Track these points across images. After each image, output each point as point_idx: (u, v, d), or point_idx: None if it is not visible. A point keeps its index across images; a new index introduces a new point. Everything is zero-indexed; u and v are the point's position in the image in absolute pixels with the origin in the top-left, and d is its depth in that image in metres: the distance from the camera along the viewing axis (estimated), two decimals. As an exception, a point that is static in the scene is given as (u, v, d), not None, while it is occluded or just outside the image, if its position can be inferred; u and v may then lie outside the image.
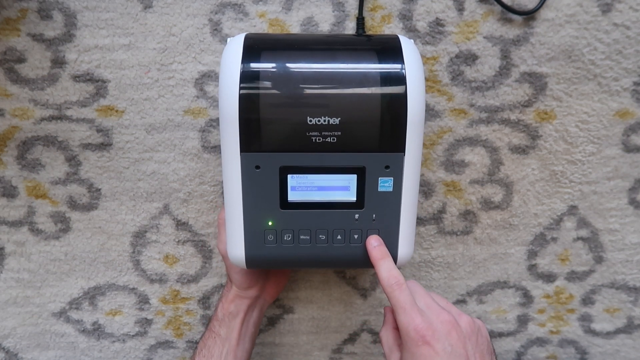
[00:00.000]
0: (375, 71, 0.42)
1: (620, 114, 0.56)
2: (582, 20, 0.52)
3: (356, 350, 0.67)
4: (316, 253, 0.46)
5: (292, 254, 0.46)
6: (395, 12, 0.52)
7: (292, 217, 0.45)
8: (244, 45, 0.43)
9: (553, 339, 0.67)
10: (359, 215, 0.45)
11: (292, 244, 0.46)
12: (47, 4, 0.51)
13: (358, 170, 0.44)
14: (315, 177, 0.44)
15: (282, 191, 0.44)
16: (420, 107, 0.42)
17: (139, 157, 0.56)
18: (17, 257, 0.61)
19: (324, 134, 0.42)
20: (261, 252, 0.46)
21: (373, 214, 0.45)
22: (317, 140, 0.42)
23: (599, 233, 0.61)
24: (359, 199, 0.44)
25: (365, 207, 0.45)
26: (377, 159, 0.43)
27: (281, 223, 0.45)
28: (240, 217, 0.45)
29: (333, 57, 0.43)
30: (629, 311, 0.65)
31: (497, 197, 0.59)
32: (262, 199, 0.44)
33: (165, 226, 0.60)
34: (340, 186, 0.44)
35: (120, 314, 0.64)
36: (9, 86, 0.53)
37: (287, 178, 0.43)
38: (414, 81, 0.42)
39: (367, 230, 0.45)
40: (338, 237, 0.45)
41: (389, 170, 0.44)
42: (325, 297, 0.64)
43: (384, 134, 0.42)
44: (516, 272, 0.63)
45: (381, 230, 0.46)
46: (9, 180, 0.57)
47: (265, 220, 0.45)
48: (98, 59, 0.53)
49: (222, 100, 0.42)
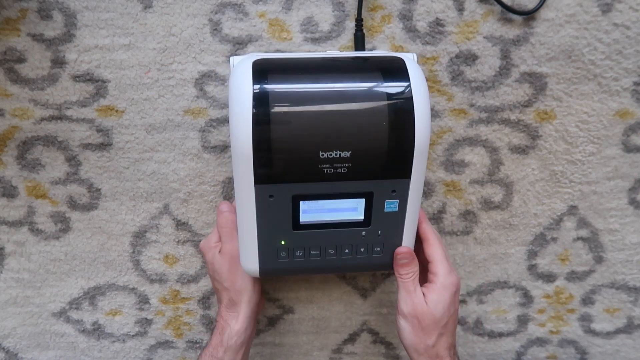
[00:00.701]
0: (384, 105, 0.43)
1: (620, 114, 0.56)
2: (582, 20, 0.52)
3: (356, 350, 0.67)
4: (325, 265, 0.49)
5: (303, 267, 0.49)
6: (395, 12, 0.52)
7: (304, 237, 0.48)
8: (253, 79, 0.43)
9: (553, 339, 0.67)
10: (365, 232, 0.48)
11: (303, 258, 0.49)
12: (47, 4, 0.51)
13: (366, 194, 0.46)
14: (325, 201, 0.46)
15: (295, 215, 0.46)
16: (426, 137, 0.44)
17: (139, 157, 0.56)
18: (17, 257, 0.61)
19: (335, 165, 0.43)
20: (274, 266, 0.49)
21: (379, 231, 0.48)
22: (329, 171, 0.44)
23: (599, 233, 0.61)
24: (366, 218, 0.47)
25: (372, 226, 0.48)
26: (385, 185, 0.45)
27: (293, 242, 0.48)
28: (254, 237, 0.47)
29: (342, 95, 0.44)
30: (629, 311, 0.65)
31: (497, 197, 0.59)
32: (276, 222, 0.46)
33: (165, 226, 0.60)
34: (349, 208, 0.47)
35: (120, 314, 0.64)
36: (9, 86, 0.53)
37: (299, 204, 0.46)
38: (421, 114, 0.43)
39: (373, 245, 0.49)
40: (346, 250, 0.49)
41: (395, 193, 0.46)
42: (325, 297, 0.64)
43: (391, 162, 0.44)
44: (516, 272, 0.63)
45: (385, 243, 0.49)
46: (9, 180, 0.57)
47: (278, 240, 0.48)
48: (98, 59, 0.53)
49: (235, 139, 0.43)
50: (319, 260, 0.49)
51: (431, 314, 0.48)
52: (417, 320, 0.49)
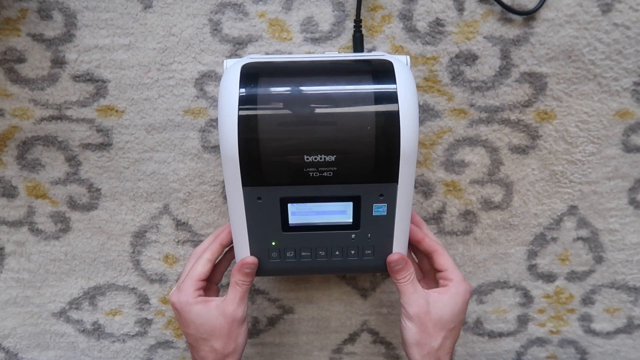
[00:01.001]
0: (369, 109, 0.43)
1: (620, 114, 0.56)
2: (582, 20, 0.52)
3: (356, 350, 0.67)
4: (317, 266, 0.50)
5: (295, 267, 0.50)
6: (395, 12, 0.52)
7: (294, 239, 0.48)
8: (240, 82, 0.43)
9: (553, 339, 0.67)
10: (355, 235, 0.48)
11: (294, 259, 0.49)
12: (47, 4, 0.51)
13: (354, 198, 0.46)
14: (313, 204, 0.47)
15: (284, 217, 0.47)
16: (413, 141, 0.44)
17: (139, 157, 0.56)
18: (17, 257, 0.61)
19: (320, 169, 0.44)
20: (267, 265, 0.50)
21: (368, 234, 0.48)
22: (315, 175, 0.44)
23: (599, 233, 0.61)
24: (355, 221, 0.48)
25: (361, 229, 0.48)
26: (372, 189, 0.46)
27: (284, 243, 0.49)
28: (245, 237, 0.48)
29: (328, 98, 0.44)
30: (629, 311, 0.65)
31: (497, 197, 0.59)
32: (266, 224, 0.47)
33: (165, 226, 0.60)
34: (338, 211, 0.47)
35: (120, 314, 0.64)
36: (9, 86, 0.53)
37: (287, 206, 0.46)
38: (407, 118, 0.43)
39: (363, 247, 0.49)
40: (336, 252, 0.49)
41: (382, 197, 0.46)
42: (325, 297, 0.64)
43: (377, 167, 0.44)
44: (516, 272, 0.63)
45: (376, 246, 0.49)
46: (9, 180, 0.57)
47: (269, 241, 0.48)
48: (98, 59, 0.53)
49: (222, 141, 0.43)
50: (310, 262, 0.50)
51: (440, 316, 0.48)
52: (424, 321, 0.48)
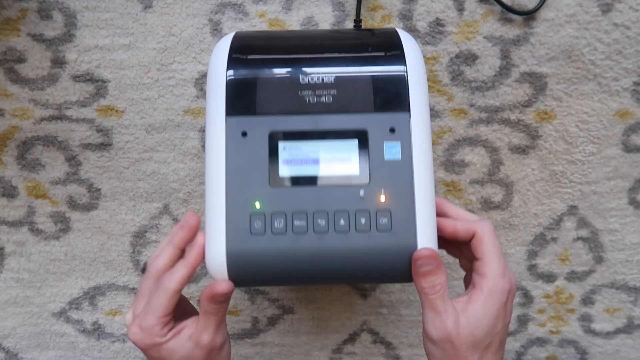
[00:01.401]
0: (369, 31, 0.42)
1: (620, 114, 0.56)
2: (582, 20, 0.52)
3: (356, 350, 0.67)
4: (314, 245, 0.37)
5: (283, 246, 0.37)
6: (395, 12, 0.52)
7: (284, 197, 0.38)
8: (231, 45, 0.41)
9: (553, 339, 0.67)
10: (364, 192, 0.37)
11: (284, 233, 0.37)
12: (47, 4, 0.51)
13: (359, 133, 0.38)
14: (310, 146, 0.38)
15: (272, 163, 0.38)
16: (419, 61, 0.40)
17: (139, 157, 0.56)
18: (17, 257, 0.61)
19: (318, 92, 0.38)
20: (245, 244, 0.37)
21: (382, 189, 0.37)
22: (311, 100, 0.38)
23: (599, 233, 0.61)
24: (362, 170, 0.37)
25: (372, 181, 0.37)
26: (380, 120, 0.38)
27: (271, 204, 0.37)
28: (222, 197, 0.38)
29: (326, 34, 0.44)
30: (629, 311, 0.65)
31: (497, 197, 0.59)
32: (249, 174, 0.37)
33: (165, 226, 0.60)
34: (340, 157, 0.38)
35: (120, 314, 0.64)
36: (9, 86, 0.53)
37: (277, 147, 0.38)
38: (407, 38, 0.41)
39: (377, 213, 0.37)
40: (341, 222, 0.37)
41: (394, 133, 0.38)
42: (325, 297, 0.64)
43: (382, 90, 0.38)
44: (516, 272, 0.63)
45: (393, 212, 0.37)
46: (9, 180, 0.57)
47: (252, 201, 0.37)
48: (98, 59, 0.53)
49: (211, 62, 0.40)
50: (305, 237, 0.37)
51: (471, 333, 0.37)
52: (449, 346, 0.37)
